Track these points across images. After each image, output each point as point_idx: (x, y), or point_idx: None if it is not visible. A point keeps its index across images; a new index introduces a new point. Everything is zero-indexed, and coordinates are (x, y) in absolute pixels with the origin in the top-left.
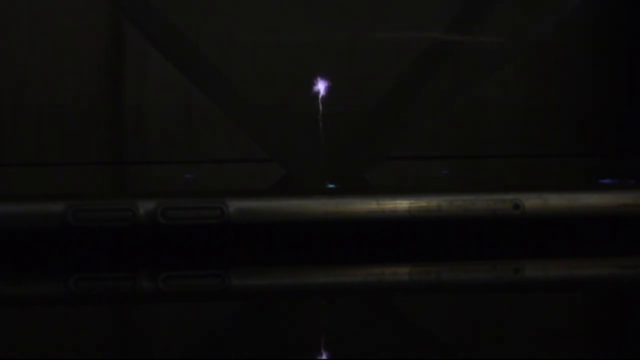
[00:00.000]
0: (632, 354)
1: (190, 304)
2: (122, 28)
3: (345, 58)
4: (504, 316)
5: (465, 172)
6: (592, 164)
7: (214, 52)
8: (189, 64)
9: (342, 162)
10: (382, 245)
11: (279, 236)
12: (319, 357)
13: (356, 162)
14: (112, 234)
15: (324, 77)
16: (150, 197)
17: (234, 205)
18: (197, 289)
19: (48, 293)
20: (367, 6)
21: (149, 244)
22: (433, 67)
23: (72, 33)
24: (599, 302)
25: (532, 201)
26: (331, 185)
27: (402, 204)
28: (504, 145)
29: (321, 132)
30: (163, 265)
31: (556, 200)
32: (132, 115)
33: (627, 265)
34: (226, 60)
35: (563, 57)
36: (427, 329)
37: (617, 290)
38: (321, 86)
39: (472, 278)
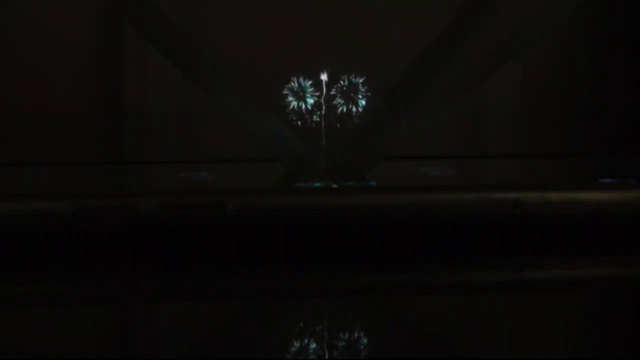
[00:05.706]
0: (633, 354)
1: (190, 303)
2: None
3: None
4: (504, 316)
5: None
6: (592, 164)
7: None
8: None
9: (343, 161)
10: (382, 244)
11: (279, 235)
12: (319, 357)
13: (358, 161)
14: (113, 233)
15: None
16: (150, 196)
17: (235, 204)
18: (197, 288)
19: (49, 293)
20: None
21: (149, 243)
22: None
23: None
24: (599, 301)
25: (533, 200)
26: (333, 185)
27: (403, 204)
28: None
29: (322, 132)
30: (164, 265)
31: (557, 199)
32: None
33: (627, 264)
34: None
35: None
36: (427, 328)
37: (617, 289)
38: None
39: (472, 278)
